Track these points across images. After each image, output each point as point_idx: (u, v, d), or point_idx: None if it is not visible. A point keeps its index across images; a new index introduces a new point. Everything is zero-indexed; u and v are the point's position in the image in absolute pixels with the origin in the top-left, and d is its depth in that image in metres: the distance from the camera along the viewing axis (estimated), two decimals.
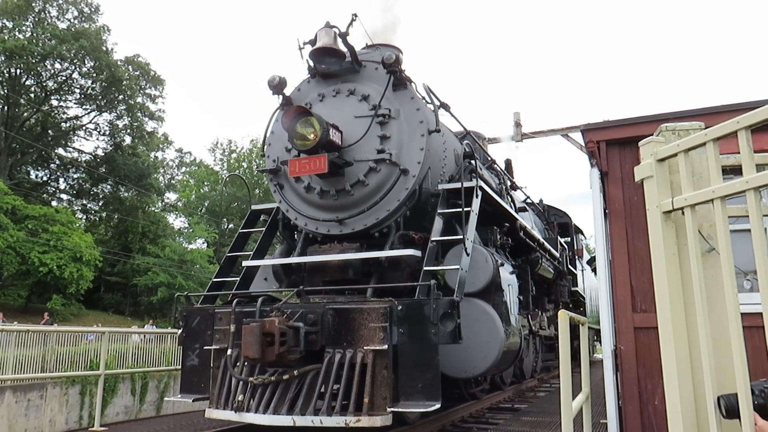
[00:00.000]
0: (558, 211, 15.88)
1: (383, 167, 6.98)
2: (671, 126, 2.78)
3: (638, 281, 4.57)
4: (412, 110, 7.16)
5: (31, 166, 42.67)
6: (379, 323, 5.87)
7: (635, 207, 4.62)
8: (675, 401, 2.40)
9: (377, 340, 5.85)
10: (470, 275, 7.04)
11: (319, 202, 7.24)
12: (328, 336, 6.03)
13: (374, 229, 7.15)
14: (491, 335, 6.83)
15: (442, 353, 6.81)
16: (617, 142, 4.77)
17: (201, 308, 6.74)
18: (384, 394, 5.76)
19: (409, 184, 6.99)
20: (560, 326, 3.82)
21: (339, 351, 5.95)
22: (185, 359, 6.69)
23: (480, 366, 6.85)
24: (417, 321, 5.80)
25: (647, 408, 4.37)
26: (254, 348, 5.64)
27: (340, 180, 7.05)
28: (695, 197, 2.38)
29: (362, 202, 7.06)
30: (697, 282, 2.34)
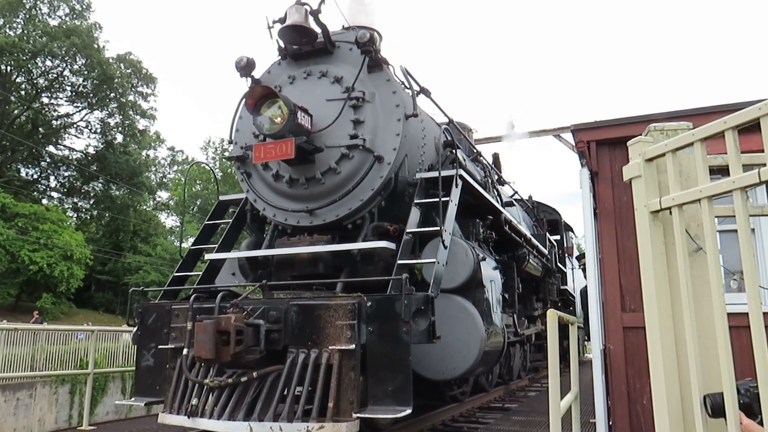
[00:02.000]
0: (547, 208, 15.35)
1: (356, 154, 6.43)
2: (659, 126, 2.78)
3: (627, 281, 4.51)
4: (388, 93, 6.61)
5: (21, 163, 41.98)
6: (346, 321, 5.31)
7: (625, 207, 4.55)
8: (661, 400, 2.39)
9: (344, 339, 5.29)
10: (449, 270, 6.48)
11: (288, 192, 6.68)
12: (292, 334, 5.48)
13: (347, 221, 6.59)
14: (471, 334, 6.29)
15: (418, 353, 6.30)
16: (607, 142, 4.67)
17: (157, 304, 6.18)
18: (351, 398, 5.21)
19: (384, 172, 6.44)
20: (549, 326, 3.72)
21: (303, 351, 5.39)
22: (140, 359, 6.12)
23: (459, 367, 6.30)
24: (387, 318, 5.25)
25: (635, 407, 4.30)
26: (207, 347, 5.07)
27: (311, 167, 6.49)
28: (683, 197, 2.37)
29: (334, 191, 6.51)
30: (684, 281, 2.33)
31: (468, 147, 9.71)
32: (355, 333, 5.26)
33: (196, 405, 5.42)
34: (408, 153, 6.69)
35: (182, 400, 5.56)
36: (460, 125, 9.70)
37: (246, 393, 5.32)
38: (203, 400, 5.44)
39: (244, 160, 6.92)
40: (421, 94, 7.48)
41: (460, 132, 9.16)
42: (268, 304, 5.58)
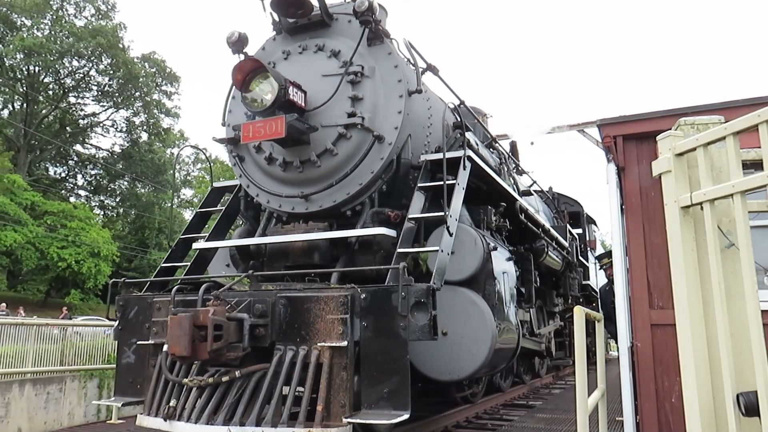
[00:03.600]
0: (569, 200, 14.54)
1: (354, 133, 5.81)
2: (690, 120, 2.72)
3: (655, 277, 4.37)
4: (389, 67, 5.97)
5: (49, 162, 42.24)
6: (337, 315, 4.71)
7: (652, 202, 4.43)
8: (693, 399, 2.35)
9: (335, 335, 4.69)
10: (456, 260, 5.83)
11: (283, 176, 6.09)
12: (279, 330, 4.89)
13: (345, 207, 5.98)
14: (480, 331, 5.64)
15: (422, 351, 5.68)
16: (634, 136, 4.55)
17: (139, 297, 5.63)
18: (342, 400, 4.60)
19: (385, 153, 5.81)
20: (575, 323, 3.59)
21: (291, 348, 4.80)
22: (120, 356, 5.59)
23: (467, 367, 5.66)
24: (383, 312, 4.63)
25: (664, 406, 4.17)
26: (182, 343, 4.51)
27: (305, 149, 5.89)
28: (714, 192, 2.35)
29: (331, 174, 5.90)
30: (716, 278, 2.30)
31: (482, 132, 9.02)
32: (348, 328, 4.66)
33: (175, 407, 4.87)
34: (412, 133, 6.05)
35: (161, 401, 5.01)
36: (474, 110, 9.01)
37: (228, 394, 4.75)
38: (182, 401, 4.88)
39: (236, 142, 6.34)
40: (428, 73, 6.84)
41: (474, 116, 8.47)
42: (255, 296, 5.00)
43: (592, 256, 14.72)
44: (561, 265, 10.71)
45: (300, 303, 4.85)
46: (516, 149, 11.09)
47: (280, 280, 5.74)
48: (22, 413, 8.34)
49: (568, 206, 13.99)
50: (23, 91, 38.43)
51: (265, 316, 4.92)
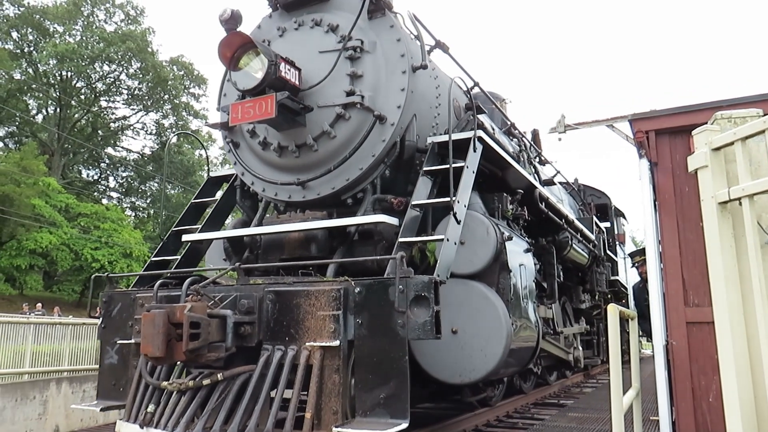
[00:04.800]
0: (595, 191, 13.73)
1: (354, 114, 5.26)
2: (727, 114, 2.67)
3: (690, 274, 4.21)
4: (391, 41, 5.40)
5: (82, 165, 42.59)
6: (329, 311, 4.17)
7: (686, 198, 4.29)
8: (733, 399, 2.29)
9: (326, 334, 4.15)
10: (466, 251, 5.25)
11: (278, 162, 5.57)
12: (267, 328, 4.36)
13: (346, 194, 5.43)
14: (493, 329, 5.05)
15: (430, 351, 5.11)
16: (667, 131, 4.40)
17: (123, 293, 5.16)
18: (334, 406, 4.06)
19: (387, 135, 5.25)
20: (609, 321, 3.54)
21: (280, 348, 4.27)
22: (103, 356, 5.13)
23: (479, 368, 5.07)
24: (380, 308, 4.08)
25: (701, 405, 4.00)
26: (155, 343, 4.01)
27: (301, 132, 5.36)
28: (754, 187, 2.30)
29: (329, 159, 5.35)
30: (756, 275, 2.25)
31: (500, 119, 8.39)
32: (340, 326, 4.12)
33: (153, 412, 4.38)
34: (417, 113, 5.47)
35: (141, 405, 4.53)
36: (492, 95, 8.37)
37: (209, 399, 4.25)
38: (162, 406, 4.39)
39: (232, 128, 5.85)
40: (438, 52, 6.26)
41: (491, 101, 7.84)
42: (241, 291, 4.49)
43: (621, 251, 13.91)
44: (587, 259, 10.00)
45: (289, 298, 4.32)
46: (538, 138, 10.42)
47: (275, 273, 5.23)
48: (59, 411, 8.36)
49: (594, 198, 13.21)
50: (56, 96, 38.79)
51: (251, 312, 4.41)
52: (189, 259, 5.75)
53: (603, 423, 6.58)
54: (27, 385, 8.40)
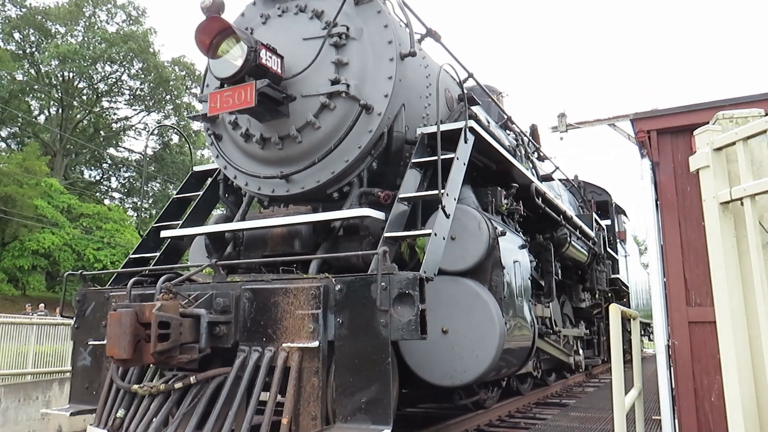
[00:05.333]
0: (596, 188, 13.41)
1: (339, 103, 4.98)
2: (728, 114, 2.67)
3: (692, 274, 4.17)
4: (378, 27, 5.13)
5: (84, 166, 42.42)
6: (308, 309, 3.89)
7: (688, 198, 4.26)
8: (735, 399, 2.27)
9: (305, 334, 3.87)
10: (457, 246, 4.98)
11: (261, 154, 5.29)
12: (244, 328, 4.09)
13: (332, 188, 5.15)
14: (486, 328, 4.78)
15: (419, 352, 4.84)
16: (669, 131, 4.37)
17: (96, 291, 4.90)
18: (313, 411, 3.79)
19: (374, 125, 4.97)
20: (611, 321, 3.54)
21: (257, 349, 4.00)
22: (76, 358, 4.86)
23: (471, 370, 4.79)
24: (361, 306, 3.81)
25: (703, 405, 3.96)
26: (122, 344, 3.74)
27: (284, 123, 5.08)
28: (755, 187, 2.30)
29: (313, 151, 5.08)
30: (758, 275, 2.24)
31: (497, 112, 8.10)
32: (320, 326, 3.85)
33: (123, 417, 4.11)
34: (406, 103, 5.19)
35: (112, 410, 4.26)
36: (489, 88, 8.09)
37: (181, 404, 3.98)
38: (132, 411, 4.12)
39: (214, 119, 5.58)
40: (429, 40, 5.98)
41: (486, 93, 7.56)
42: (217, 290, 4.22)
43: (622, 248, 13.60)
44: (587, 256, 9.70)
45: (266, 296, 4.05)
46: (537, 133, 10.13)
47: (257, 271, 4.96)
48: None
49: (595, 195, 12.90)
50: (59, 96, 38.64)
51: (227, 311, 4.14)
52: (169, 257, 5.48)
53: (605, 422, 6.48)
54: (30, 385, 8.37)
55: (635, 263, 16.57)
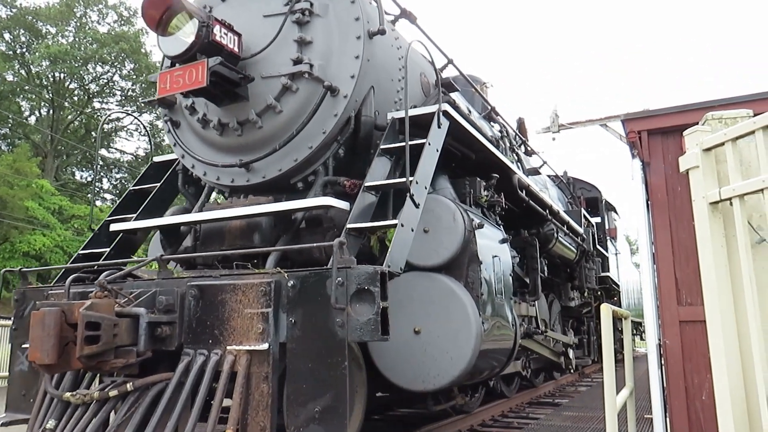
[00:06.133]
0: (585, 185, 13.00)
1: (302, 85, 4.55)
2: (717, 114, 2.68)
3: (683, 273, 4.16)
4: (344, 3, 4.70)
5: (75, 167, 41.84)
6: (257, 308, 3.46)
7: (679, 197, 4.26)
8: (725, 397, 2.31)
9: (254, 336, 3.44)
10: (430, 240, 4.56)
11: (220, 141, 4.86)
12: (189, 328, 3.65)
13: (296, 177, 4.72)
14: (460, 328, 4.35)
15: (389, 354, 4.42)
16: (660, 131, 4.39)
17: (35, 289, 4.46)
18: (262, 421, 3.35)
19: (339, 109, 4.54)
20: (603, 321, 3.54)
21: (202, 352, 3.56)
22: (13, 362, 4.41)
23: (445, 373, 4.36)
24: (317, 304, 3.37)
25: (694, 403, 3.96)
26: (45, 347, 3.29)
27: (244, 107, 4.65)
28: (744, 187, 2.32)
29: (275, 137, 4.64)
30: (746, 274, 2.26)
31: (481, 103, 7.68)
32: (270, 326, 3.41)
33: (53, 428, 3.66)
34: (376, 86, 4.76)
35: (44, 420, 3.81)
36: (472, 77, 7.67)
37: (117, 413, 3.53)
38: (65, 421, 3.67)
39: (171, 105, 5.14)
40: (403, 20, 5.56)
41: (469, 82, 7.14)
42: (161, 286, 3.78)
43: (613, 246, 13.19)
44: (575, 253, 9.29)
45: (213, 294, 3.61)
46: (524, 127, 9.70)
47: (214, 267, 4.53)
48: None
49: (584, 191, 12.50)
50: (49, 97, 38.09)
51: (171, 311, 3.69)
52: (121, 252, 5.03)
53: (597, 422, 6.43)
54: None
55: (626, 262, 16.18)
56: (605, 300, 11.65)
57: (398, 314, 4.49)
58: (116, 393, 3.52)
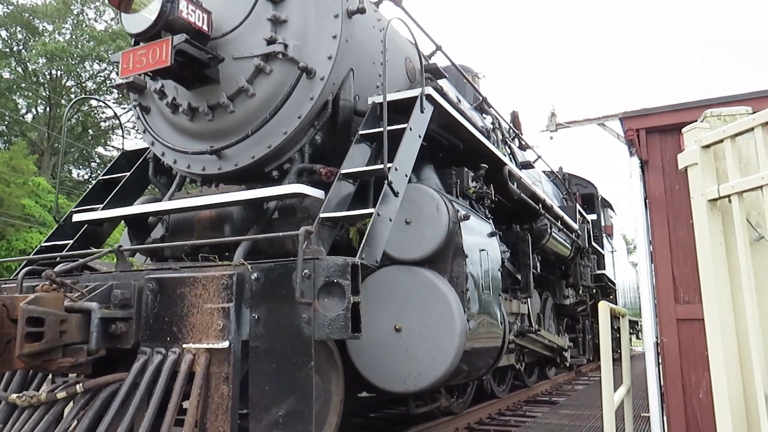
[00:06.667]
0: (581, 180, 12.68)
1: (276, 67, 4.25)
2: (716, 111, 2.67)
3: (681, 272, 4.10)
4: None
5: (72, 164, 41.46)
6: (217, 303, 3.15)
7: (677, 196, 4.20)
8: (723, 396, 2.30)
9: (214, 333, 3.12)
10: (412, 232, 4.25)
11: (190, 127, 4.55)
12: (147, 325, 3.34)
13: (270, 166, 4.42)
14: (444, 325, 4.04)
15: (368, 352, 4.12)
16: (657, 129, 4.35)
17: None
18: (221, 426, 3.04)
19: (316, 92, 4.23)
20: (601, 319, 3.47)
21: (160, 351, 3.25)
22: None
23: (428, 374, 4.06)
24: (282, 299, 3.07)
25: (691, 401, 3.87)
26: None
27: (215, 90, 4.34)
28: (743, 184, 2.32)
29: (248, 122, 4.33)
30: (745, 272, 2.25)
31: (472, 94, 7.38)
32: (231, 322, 3.10)
33: None
34: (355, 68, 4.46)
35: None
36: (463, 67, 7.36)
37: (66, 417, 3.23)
38: (10, 425, 3.37)
39: (141, 89, 4.83)
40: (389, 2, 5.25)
41: (459, 71, 6.83)
42: (118, 279, 3.47)
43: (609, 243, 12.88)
44: (569, 250, 8.98)
45: (172, 288, 3.30)
46: (518, 120, 9.40)
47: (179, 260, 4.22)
48: None
49: (580, 188, 12.20)
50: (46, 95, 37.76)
51: (128, 306, 3.38)
52: (85, 245, 4.71)
53: (594, 420, 6.39)
54: None
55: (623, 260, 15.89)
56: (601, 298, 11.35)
57: (378, 311, 4.20)
58: (65, 395, 3.22)
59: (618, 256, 14.11)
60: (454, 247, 4.30)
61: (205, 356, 3.11)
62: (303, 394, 2.93)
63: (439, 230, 4.22)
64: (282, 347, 3.02)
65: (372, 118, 4.34)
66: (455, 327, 4.03)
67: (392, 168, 3.77)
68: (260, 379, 3.05)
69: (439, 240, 4.22)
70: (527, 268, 6.67)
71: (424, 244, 4.25)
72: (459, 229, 4.32)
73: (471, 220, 4.56)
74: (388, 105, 4.30)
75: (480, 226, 4.89)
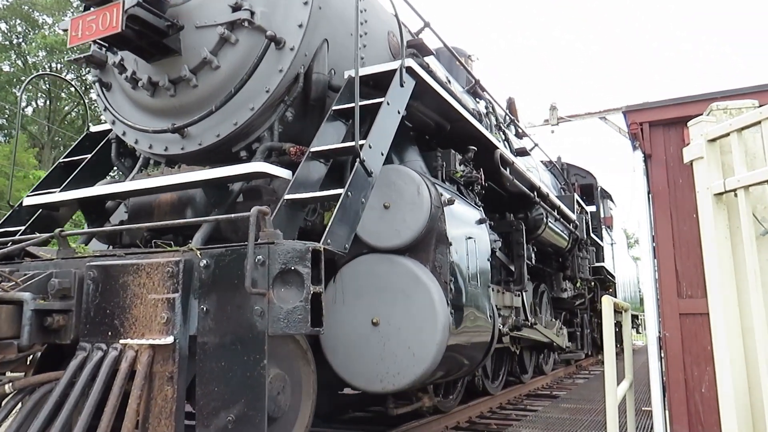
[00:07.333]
0: (580, 170, 12.24)
1: (242, 36, 3.85)
2: (722, 105, 2.66)
3: (684, 266, 3.95)
4: None
5: None
6: (162, 293, 2.76)
7: (680, 190, 4.03)
8: (728, 390, 2.26)
9: (157, 327, 2.74)
10: (391, 217, 3.86)
11: (151, 103, 4.15)
12: (87, 318, 2.95)
13: (238, 145, 4.02)
14: (425, 319, 3.66)
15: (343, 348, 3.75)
16: (661, 123, 4.20)
17: None
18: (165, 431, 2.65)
19: (285, 63, 3.83)
20: (604, 313, 3.44)
21: (100, 347, 2.87)
22: None
23: (407, 372, 3.68)
24: (233, 289, 2.68)
25: (693, 395, 3.76)
26: None
27: (176, 62, 3.94)
28: (749, 178, 2.29)
29: (213, 97, 3.93)
30: (751, 266, 2.24)
31: (465, 77, 6.96)
32: (177, 315, 2.72)
33: None
34: (330, 39, 4.06)
35: None
36: (456, 50, 6.93)
37: None
38: None
39: (102, 64, 4.44)
40: None
41: (450, 52, 6.41)
42: (58, 267, 3.09)
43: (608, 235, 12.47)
44: (567, 241, 8.57)
45: (114, 276, 2.91)
46: (514, 107, 8.98)
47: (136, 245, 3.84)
48: None
49: (579, 178, 11.78)
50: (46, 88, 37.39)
51: (67, 296, 3.00)
52: (39, 230, 4.32)
53: (596, 414, 6.30)
54: None
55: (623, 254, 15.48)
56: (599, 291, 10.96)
57: (353, 303, 3.83)
58: None
59: (618, 249, 13.70)
60: (437, 234, 3.91)
61: (147, 353, 2.74)
62: (254, 396, 2.56)
63: (421, 215, 3.83)
64: (232, 343, 2.64)
65: (348, 93, 3.93)
66: (437, 321, 3.65)
67: (365, 145, 3.37)
68: (208, 378, 2.67)
69: (420, 226, 3.83)
70: (521, 259, 6.27)
71: (404, 231, 3.86)
72: (442, 215, 3.93)
73: (457, 205, 4.16)
74: (365, 80, 3.92)
75: (467, 212, 4.50)
